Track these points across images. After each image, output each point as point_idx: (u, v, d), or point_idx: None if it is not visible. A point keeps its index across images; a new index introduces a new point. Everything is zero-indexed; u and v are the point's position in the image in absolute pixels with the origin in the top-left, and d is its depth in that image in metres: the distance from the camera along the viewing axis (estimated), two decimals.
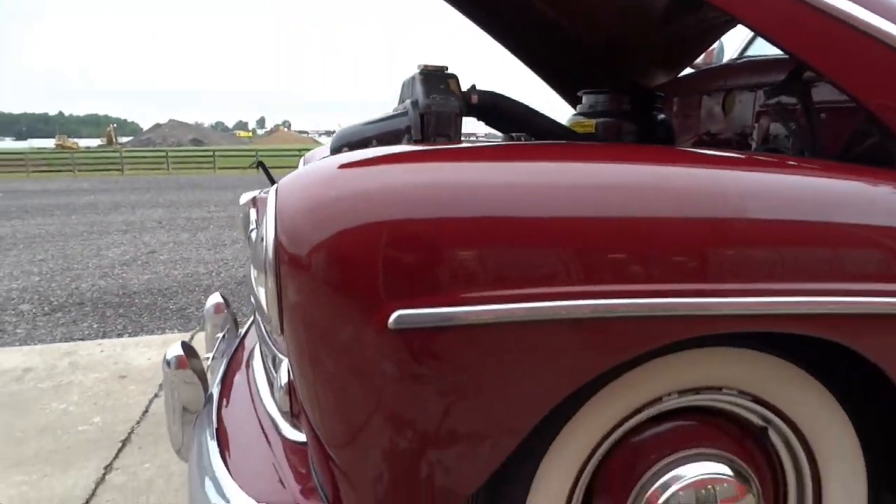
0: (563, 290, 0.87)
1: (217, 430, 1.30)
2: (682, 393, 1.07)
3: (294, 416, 1.13)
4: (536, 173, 0.95)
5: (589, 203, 0.90)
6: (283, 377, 1.10)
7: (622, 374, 1.01)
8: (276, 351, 1.23)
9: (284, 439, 1.21)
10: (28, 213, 10.51)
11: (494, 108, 1.59)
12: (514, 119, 1.62)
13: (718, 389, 1.08)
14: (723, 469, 1.09)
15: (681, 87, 2.08)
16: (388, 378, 0.89)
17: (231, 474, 1.10)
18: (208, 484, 1.11)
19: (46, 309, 4.36)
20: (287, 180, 0.99)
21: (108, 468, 2.02)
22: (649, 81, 2.18)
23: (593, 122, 1.75)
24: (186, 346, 1.45)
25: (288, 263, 0.91)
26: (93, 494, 1.86)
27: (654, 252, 0.90)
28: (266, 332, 1.33)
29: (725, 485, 1.09)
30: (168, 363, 1.43)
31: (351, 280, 0.87)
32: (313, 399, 0.96)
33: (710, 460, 1.10)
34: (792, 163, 1.10)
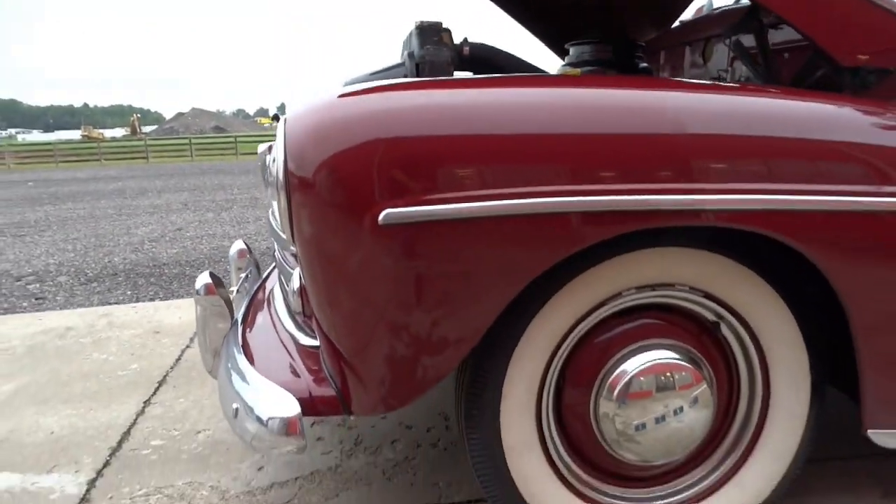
0: (524, 191, 1.03)
1: (242, 344, 1.49)
2: (639, 289, 1.23)
3: (307, 317, 1.31)
4: (503, 97, 1.12)
5: (544, 121, 1.07)
6: (295, 282, 1.28)
7: (586, 270, 1.17)
8: (288, 267, 1.41)
9: (300, 346, 1.40)
10: (59, 200, 10.86)
11: (485, 59, 1.75)
12: (503, 69, 1.78)
13: (671, 286, 1.24)
14: (678, 358, 1.25)
15: (664, 39, 2.22)
16: (381, 268, 1.06)
17: (254, 367, 1.29)
18: (234, 377, 1.29)
19: (82, 280, 4.61)
20: (294, 111, 1.16)
21: (147, 403, 2.22)
22: (640, 36, 2.31)
23: (579, 70, 1.90)
24: (214, 276, 1.63)
25: (295, 178, 1.08)
26: (134, 422, 2.07)
27: (602, 159, 1.06)
28: (281, 252, 1.51)
29: (683, 373, 1.25)
30: (198, 291, 1.62)
31: (348, 188, 1.05)
32: (321, 295, 1.14)
33: (668, 350, 1.26)
34: (734, 87, 1.25)
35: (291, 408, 1.16)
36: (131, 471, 1.77)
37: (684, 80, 1.39)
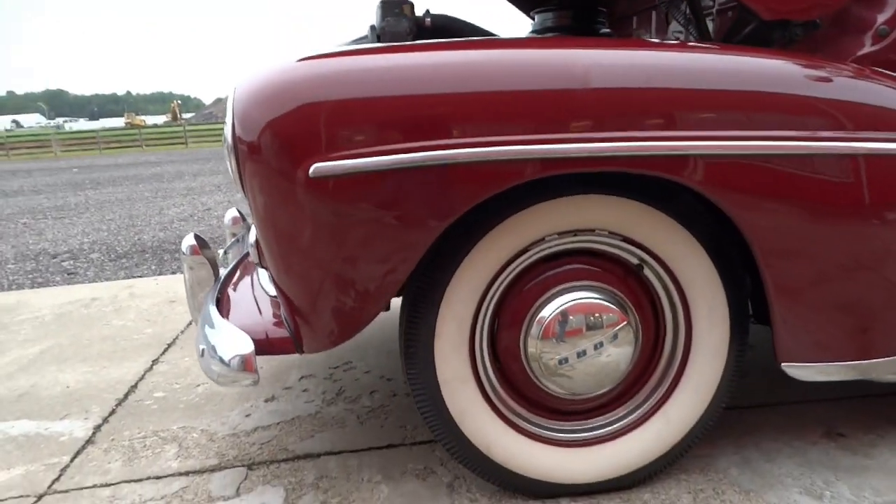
0: (432, 144, 1.15)
1: (219, 298, 1.63)
2: (561, 234, 1.33)
3: (263, 268, 1.45)
4: (420, 60, 1.22)
5: (457, 80, 1.17)
6: (251, 237, 1.42)
7: (508, 217, 1.28)
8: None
9: (270, 297, 1.54)
10: (99, 185, 11.27)
11: (446, 29, 1.85)
12: (462, 37, 1.87)
13: (592, 231, 1.34)
14: (600, 298, 1.35)
15: (635, 4, 2.27)
16: (313, 218, 1.19)
17: (220, 313, 1.44)
18: (204, 324, 1.44)
19: (112, 256, 4.87)
20: (241, 82, 1.29)
21: (156, 361, 2.41)
22: (601, 2, 2.35)
23: (541, 37, 1.98)
24: (199, 238, 1.79)
25: (241, 140, 1.21)
26: (142, 378, 2.25)
27: (509, 113, 1.16)
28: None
29: (605, 313, 1.35)
30: (184, 251, 1.77)
31: (283, 147, 1.17)
32: (268, 245, 1.27)
33: (591, 291, 1.36)
34: (643, 43, 1.34)
35: (246, 346, 1.30)
36: (133, 418, 1.95)
37: (601, 38, 1.48)
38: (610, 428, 1.44)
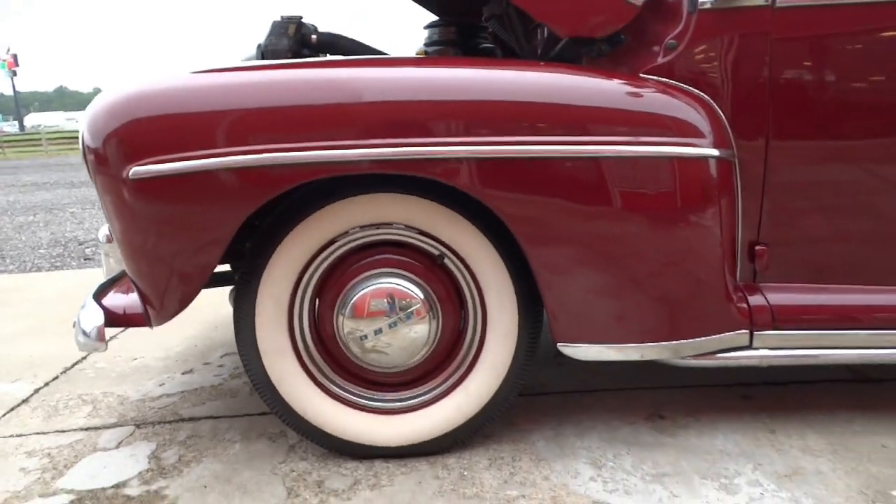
0: (225, 151, 1.37)
1: (105, 282, 1.86)
2: (363, 227, 1.53)
3: None
4: (221, 81, 1.45)
5: (244, 97, 1.39)
6: (104, 230, 1.68)
7: (314, 212, 1.49)
8: None
9: None
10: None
11: (331, 45, 2.06)
12: (346, 54, 2.07)
13: (390, 225, 1.53)
14: (399, 283, 1.55)
15: None
16: (134, 212, 1.43)
17: (92, 296, 1.69)
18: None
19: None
20: (97, 97, 1.54)
21: (113, 338, 2.72)
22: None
23: (424, 50, 2.17)
24: None
25: (88, 148, 1.47)
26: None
27: (286, 125, 1.38)
28: None
29: (404, 297, 1.54)
30: (101, 239, 2.05)
31: (113, 153, 1.42)
32: (114, 236, 1.53)
33: (396, 277, 1.56)
34: (423, 60, 1.52)
35: (98, 320, 1.56)
36: (69, 383, 2.25)
37: (385, 58, 1.67)
38: (417, 399, 1.63)
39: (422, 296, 1.55)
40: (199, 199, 1.41)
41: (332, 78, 1.43)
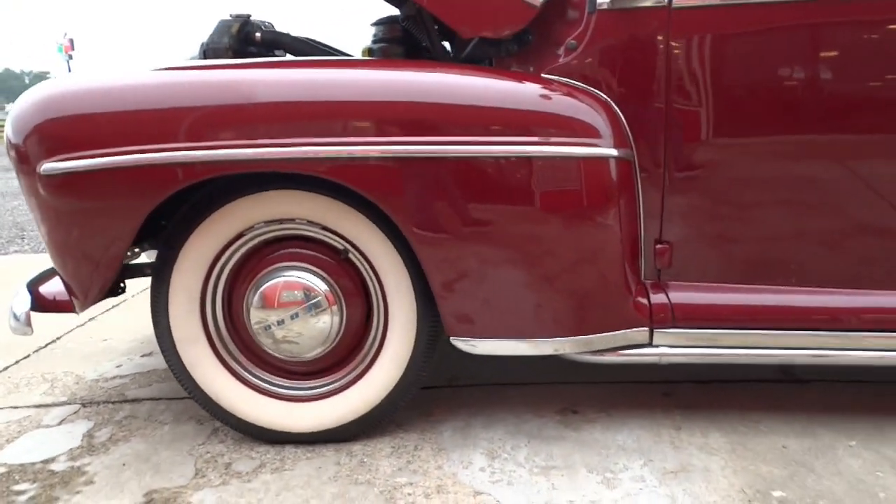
0: (123, 150, 1.45)
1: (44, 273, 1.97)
2: (267, 223, 1.60)
3: None
4: (126, 82, 1.52)
5: (146, 99, 1.47)
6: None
7: (219, 209, 1.56)
8: None
9: None
10: None
11: (274, 43, 2.11)
12: (294, 53, 2.13)
13: (293, 220, 1.59)
14: (308, 277, 1.61)
15: None
16: (47, 206, 1.53)
17: (28, 282, 1.79)
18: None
19: None
20: (20, 98, 1.63)
21: (92, 319, 2.85)
22: None
23: (370, 48, 2.21)
24: None
25: (11, 143, 1.56)
26: (69, 331, 2.70)
27: (186, 125, 1.44)
28: None
29: (307, 290, 1.60)
30: None
31: (27, 151, 1.51)
32: (38, 228, 1.63)
33: (302, 271, 1.62)
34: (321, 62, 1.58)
35: (25, 306, 1.66)
36: (38, 361, 2.38)
37: (284, 60, 1.72)
38: (326, 388, 1.69)
39: (325, 288, 1.61)
40: (103, 196, 1.49)
41: (228, 80, 1.49)
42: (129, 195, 1.49)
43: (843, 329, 1.58)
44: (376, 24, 2.23)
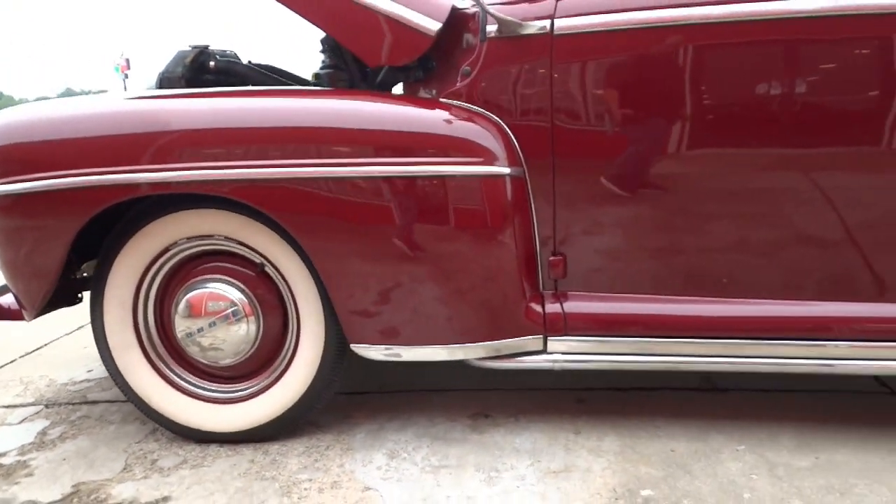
0: (53, 174, 1.62)
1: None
2: (189, 239, 1.75)
3: None
4: (57, 114, 1.70)
5: (65, 128, 1.64)
6: None
7: (146, 225, 1.72)
8: None
9: None
10: None
11: (227, 72, 2.27)
12: (245, 80, 2.28)
13: (211, 237, 1.74)
14: (226, 288, 1.75)
15: None
16: None
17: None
18: None
19: None
20: None
21: (81, 327, 3.06)
22: None
23: (318, 73, 2.36)
24: None
25: None
26: (58, 338, 2.90)
27: (100, 153, 1.61)
28: None
29: (224, 300, 1.74)
30: None
31: None
32: None
33: (222, 283, 1.76)
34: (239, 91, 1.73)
35: None
36: (21, 366, 2.58)
37: (201, 90, 1.88)
38: (247, 391, 1.83)
39: (241, 299, 1.74)
40: (36, 216, 1.67)
41: (146, 109, 1.66)
42: (59, 215, 1.66)
43: (735, 337, 1.65)
44: (322, 51, 2.38)
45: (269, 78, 2.29)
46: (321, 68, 2.31)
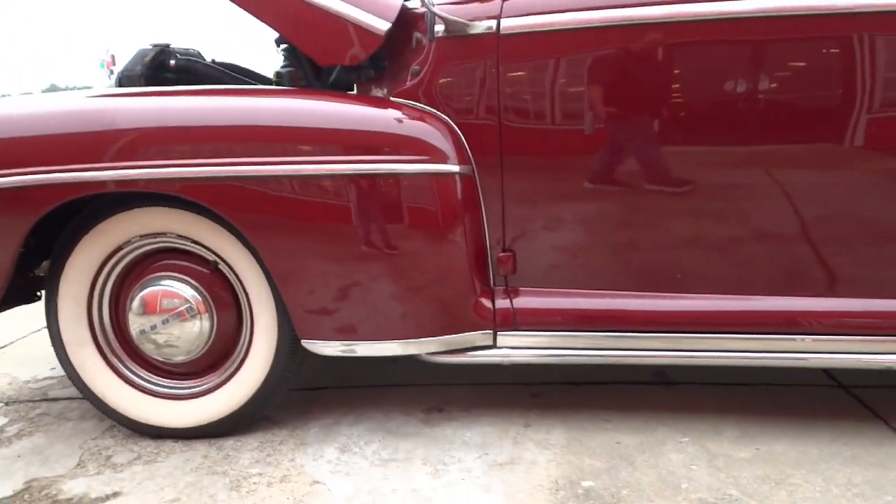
0: (4, 172, 1.63)
1: None
2: (142, 237, 1.76)
3: None
4: (10, 112, 1.71)
5: (19, 126, 1.65)
6: None
7: (99, 224, 1.73)
8: None
9: None
10: None
11: (186, 70, 2.28)
12: (203, 78, 2.29)
13: (164, 235, 1.76)
14: (178, 286, 1.77)
15: None
16: None
17: None
18: None
19: None
20: None
21: None
22: None
23: (279, 71, 2.37)
24: None
25: None
26: (24, 336, 2.90)
27: (48, 151, 1.62)
28: None
29: (181, 298, 1.76)
30: None
31: None
32: None
33: (175, 281, 1.78)
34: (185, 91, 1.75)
35: None
36: None
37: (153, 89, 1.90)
38: (202, 388, 1.85)
39: (194, 296, 1.76)
40: None
41: (94, 108, 1.67)
42: (9, 214, 1.66)
43: (682, 331, 1.68)
44: (281, 50, 2.40)
45: (228, 76, 2.30)
46: (282, 67, 2.32)
